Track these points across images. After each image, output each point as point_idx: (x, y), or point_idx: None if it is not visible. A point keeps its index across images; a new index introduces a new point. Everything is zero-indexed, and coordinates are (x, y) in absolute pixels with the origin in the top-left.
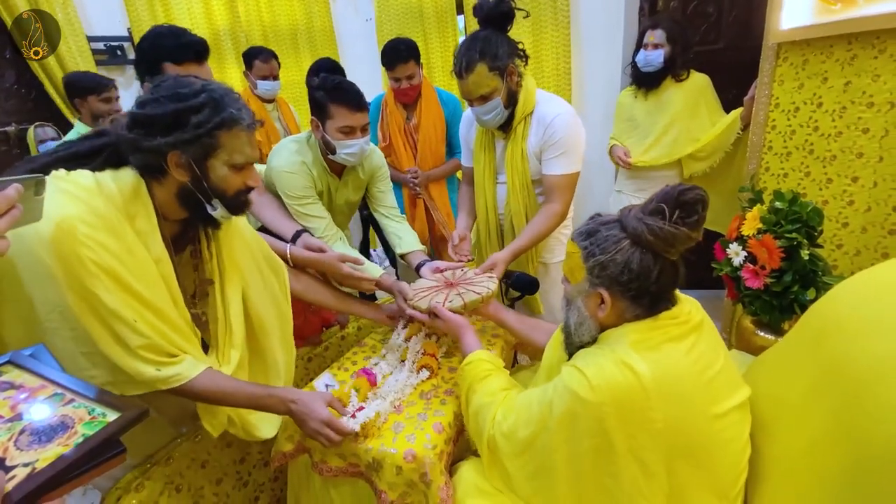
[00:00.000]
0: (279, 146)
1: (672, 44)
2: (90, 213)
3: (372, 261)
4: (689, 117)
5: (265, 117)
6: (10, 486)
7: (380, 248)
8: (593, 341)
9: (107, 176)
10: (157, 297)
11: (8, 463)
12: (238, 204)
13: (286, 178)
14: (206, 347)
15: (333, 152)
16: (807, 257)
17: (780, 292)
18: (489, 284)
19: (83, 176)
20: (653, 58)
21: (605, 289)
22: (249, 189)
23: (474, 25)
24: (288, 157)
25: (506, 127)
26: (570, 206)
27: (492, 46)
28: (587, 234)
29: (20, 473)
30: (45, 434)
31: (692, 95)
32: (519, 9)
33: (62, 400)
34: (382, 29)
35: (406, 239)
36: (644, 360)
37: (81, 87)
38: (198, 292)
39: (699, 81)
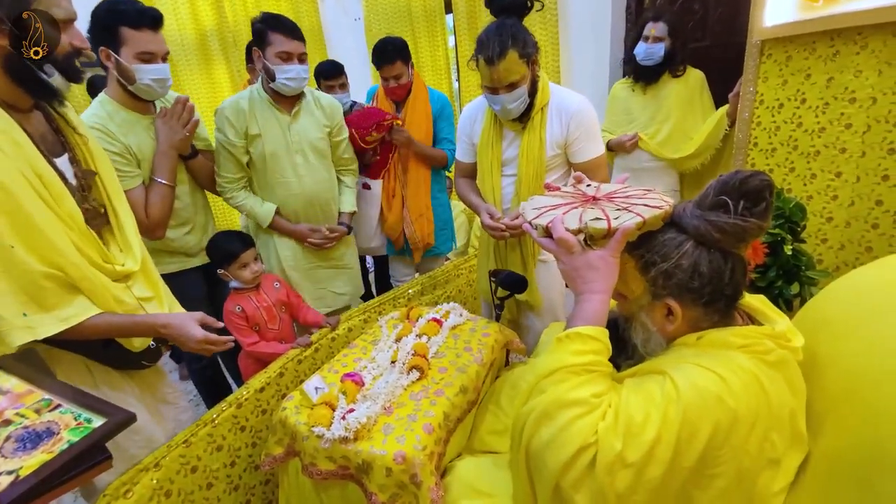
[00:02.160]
0: None
1: (673, 38)
2: None
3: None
4: (684, 113)
5: None
6: None
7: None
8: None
9: None
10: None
11: None
12: (71, 68)
13: (218, 114)
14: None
15: (273, 78)
16: (790, 252)
17: (764, 287)
18: (659, 204)
19: None
20: (654, 51)
21: (673, 299)
22: (78, 51)
23: (463, 25)
24: (233, 98)
25: (523, 117)
26: (608, 181)
27: (521, 34)
28: (637, 242)
29: (3, 482)
30: (30, 441)
31: (688, 91)
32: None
33: (49, 405)
34: (371, 28)
35: (343, 199)
36: (768, 379)
37: None
38: (83, 185)
39: (695, 78)
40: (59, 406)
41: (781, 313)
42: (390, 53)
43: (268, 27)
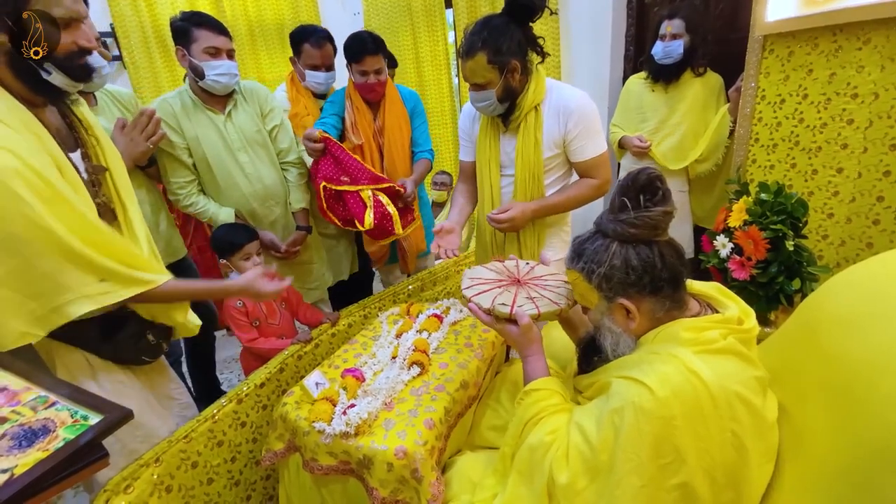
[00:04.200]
0: None
1: (692, 33)
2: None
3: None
4: (698, 116)
5: (312, 110)
6: None
7: None
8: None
9: None
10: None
11: None
12: (76, 68)
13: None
14: None
15: (202, 76)
16: (792, 248)
17: (765, 283)
18: (567, 294)
19: None
20: (672, 48)
21: (623, 297)
22: (83, 51)
23: (463, 20)
24: (159, 100)
25: (505, 119)
26: (610, 182)
27: (498, 39)
28: (577, 257)
29: None
30: (25, 439)
31: (705, 94)
32: (548, 7)
33: (45, 402)
34: (370, 23)
35: (292, 196)
36: (706, 364)
37: None
38: (94, 180)
39: (715, 81)
40: (55, 403)
41: (735, 297)
42: (372, 44)
43: (191, 24)
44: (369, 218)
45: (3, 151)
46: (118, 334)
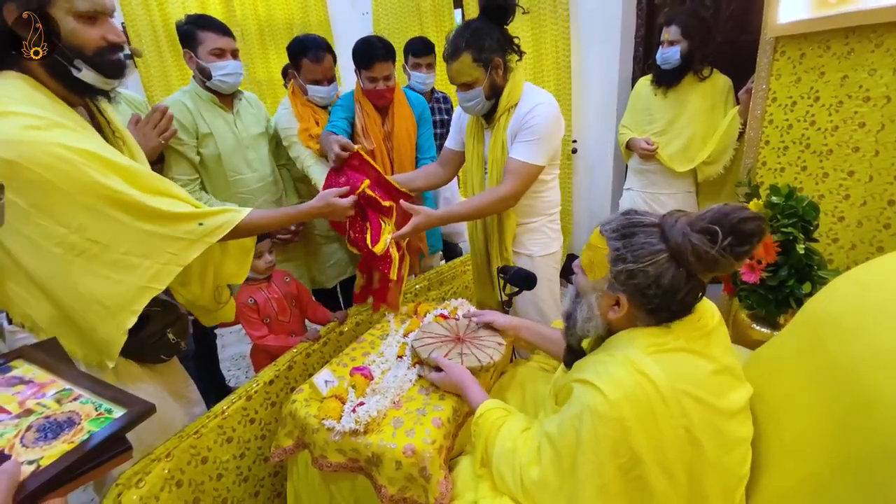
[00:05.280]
0: None
1: (688, 39)
2: (43, 122)
3: None
4: (706, 118)
5: (322, 121)
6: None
7: None
8: (598, 340)
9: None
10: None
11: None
12: (105, 64)
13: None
14: None
15: (209, 77)
16: (802, 252)
17: (775, 286)
18: (495, 353)
19: (1, 102)
20: (669, 55)
21: (625, 295)
22: (114, 46)
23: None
24: (171, 99)
25: (489, 118)
26: (519, 195)
27: (480, 38)
28: (622, 235)
29: (24, 471)
30: (51, 431)
31: (711, 96)
32: (519, 6)
33: (70, 395)
34: (379, 23)
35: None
36: (657, 364)
37: None
38: None
39: (721, 83)
40: (79, 396)
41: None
42: (382, 51)
43: (196, 27)
44: (383, 244)
45: (55, 145)
46: (140, 332)
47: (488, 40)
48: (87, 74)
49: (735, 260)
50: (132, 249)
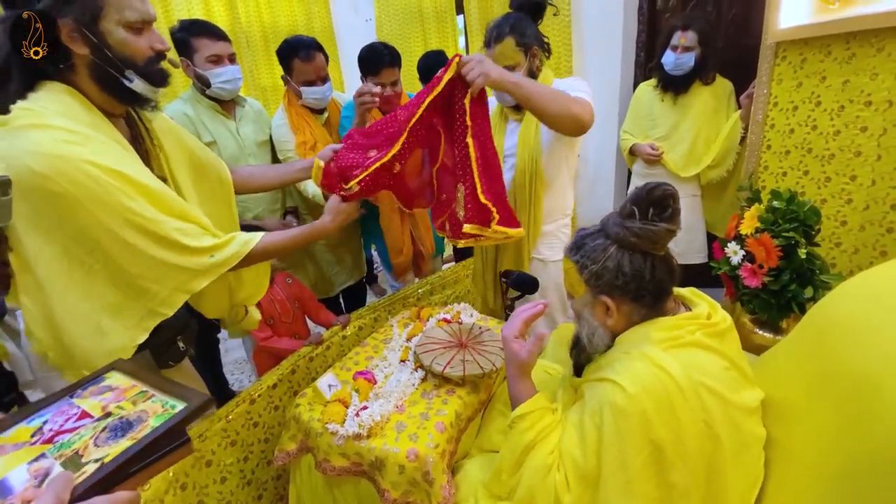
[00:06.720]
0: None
1: (704, 46)
2: (77, 137)
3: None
4: (709, 122)
5: (318, 134)
6: (78, 481)
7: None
8: (607, 348)
9: (42, 101)
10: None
11: (83, 459)
12: (154, 73)
13: None
14: None
15: (208, 85)
16: (804, 256)
17: (777, 291)
18: (497, 360)
19: (42, 114)
20: (683, 61)
21: (606, 296)
22: (160, 54)
23: (474, 25)
24: (172, 108)
25: (519, 107)
26: (588, 117)
27: (522, 26)
28: (576, 248)
29: (90, 469)
30: (121, 429)
31: (715, 101)
32: (551, 4)
33: (144, 396)
34: (382, 29)
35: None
36: (673, 358)
37: None
38: None
39: (725, 87)
40: (152, 396)
41: (704, 296)
42: (388, 57)
43: (190, 34)
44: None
45: (83, 162)
46: (151, 341)
47: (529, 29)
48: (137, 84)
49: (668, 225)
50: (144, 273)
